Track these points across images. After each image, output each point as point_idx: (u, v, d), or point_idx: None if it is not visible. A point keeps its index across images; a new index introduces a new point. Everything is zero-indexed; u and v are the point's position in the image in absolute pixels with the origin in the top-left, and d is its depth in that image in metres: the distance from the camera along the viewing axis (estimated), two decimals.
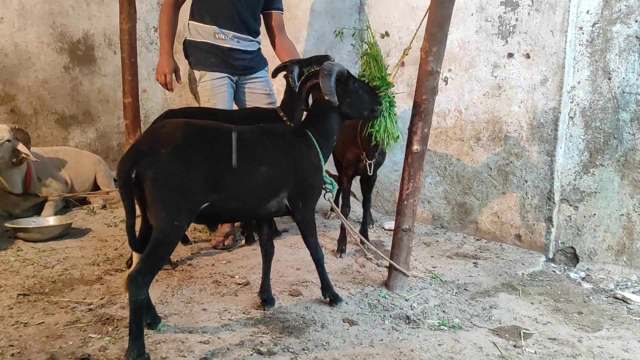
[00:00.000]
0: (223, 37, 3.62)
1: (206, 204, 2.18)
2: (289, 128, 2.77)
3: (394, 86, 2.73)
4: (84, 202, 4.54)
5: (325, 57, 3.33)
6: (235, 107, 3.86)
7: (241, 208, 2.37)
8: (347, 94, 2.58)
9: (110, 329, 2.38)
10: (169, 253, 2.16)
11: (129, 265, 3.06)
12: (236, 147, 2.26)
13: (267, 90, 3.83)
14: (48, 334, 2.32)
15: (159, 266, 2.09)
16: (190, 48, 3.71)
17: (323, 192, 2.64)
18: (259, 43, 3.85)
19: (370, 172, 3.37)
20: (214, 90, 3.62)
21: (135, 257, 2.09)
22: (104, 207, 4.49)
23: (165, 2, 3.64)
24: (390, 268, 2.90)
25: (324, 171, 2.58)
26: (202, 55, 3.64)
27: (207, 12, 3.63)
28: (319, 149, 2.54)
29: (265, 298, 2.65)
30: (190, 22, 3.69)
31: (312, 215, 2.60)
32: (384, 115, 2.71)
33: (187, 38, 3.72)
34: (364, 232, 3.64)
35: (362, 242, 2.88)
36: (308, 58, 3.38)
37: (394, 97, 2.74)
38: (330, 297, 2.69)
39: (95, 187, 4.65)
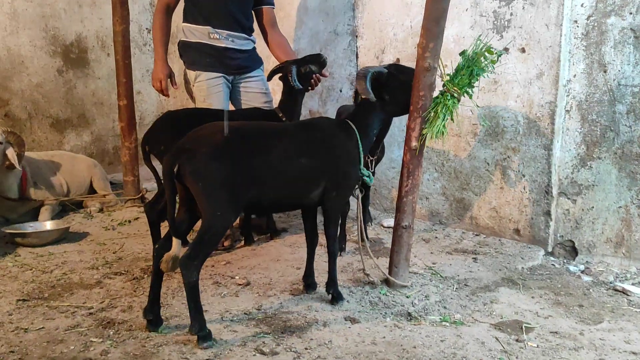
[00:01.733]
0: (218, 37, 3.61)
1: (249, 198, 2.32)
2: (330, 120, 2.87)
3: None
4: (80, 206, 4.52)
5: (318, 56, 3.39)
6: (231, 107, 3.86)
7: (286, 200, 2.55)
8: (388, 92, 2.69)
9: (111, 332, 2.37)
10: (216, 240, 2.33)
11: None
12: (280, 145, 2.42)
13: (263, 89, 3.83)
14: (49, 339, 2.31)
15: (207, 251, 2.27)
16: (185, 48, 3.71)
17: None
18: (254, 42, 3.84)
19: (372, 169, 3.37)
20: (210, 90, 3.62)
21: (175, 242, 2.25)
22: (100, 210, 4.47)
23: (157, 8, 3.68)
24: (391, 265, 2.89)
25: (362, 163, 2.67)
26: (197, 56, 3.65)
27: (200, 14, 3.63)
28: (359, 140, 2.64)
29: (309, 283, 2.82)
30: (184, 24, 3.70)
31: (341, 206, 2.71)
32: (437, 113, 2.71)
33: (182, 39, 3.72)
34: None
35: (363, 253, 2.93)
36: (303, 58, 3.44)
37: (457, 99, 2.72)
38: (333, 294, 2.69)
39: (92, 191, 4.64)
